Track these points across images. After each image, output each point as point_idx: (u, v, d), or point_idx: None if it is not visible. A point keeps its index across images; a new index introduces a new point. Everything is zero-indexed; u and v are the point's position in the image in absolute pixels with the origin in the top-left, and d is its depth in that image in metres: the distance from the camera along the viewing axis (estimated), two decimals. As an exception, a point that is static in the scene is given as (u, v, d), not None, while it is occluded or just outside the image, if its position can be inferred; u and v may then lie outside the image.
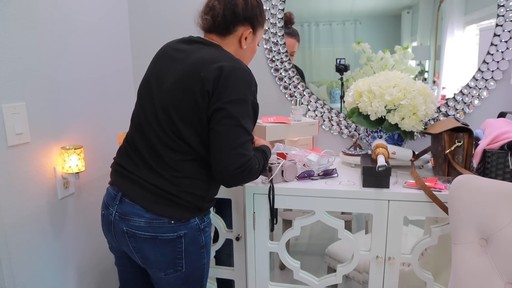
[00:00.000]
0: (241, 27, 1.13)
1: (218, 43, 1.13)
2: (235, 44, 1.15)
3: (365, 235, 1.87)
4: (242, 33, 1.14)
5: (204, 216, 1.12)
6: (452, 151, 1.26)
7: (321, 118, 1.75)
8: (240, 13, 1.11)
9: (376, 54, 1.65)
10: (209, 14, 1.12)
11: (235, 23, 1.12)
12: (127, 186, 1.08)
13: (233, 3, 1.11)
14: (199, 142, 1.04)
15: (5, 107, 1.18)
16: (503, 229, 0.98)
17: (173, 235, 1.05)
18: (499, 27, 1.50)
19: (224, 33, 1.13)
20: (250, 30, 1.14)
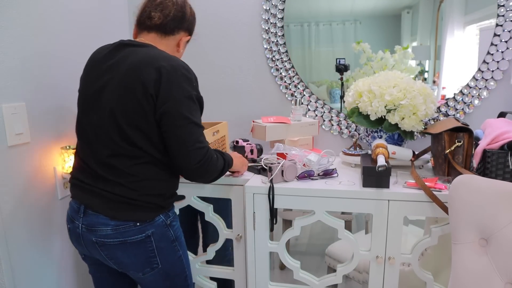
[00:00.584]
0: (182, 32, 1.19)
1: (154, 42, 1.14)
2: (172, 46, 1.19)
3: (365, 235, 1.87)
4: (182, 38, 1.19)
5: (168, 212, 1.16)
6: (452, 151, 1.26)
7: (321, 118, 1.75)
8: (187, 17, 1.18)
9: (376, 54, 1.65)
10: (159, 10, 1.13)
11: (179, 27, 1.17)
12: (88, 198, 1.10)
13: (183, 6, 1.17)
14: (149, 144, 1.06)
15: (5, 107, 1.18)
16: (503, 229, 0.98)
17: (141, 236, 1.08)
18: (499, 27, 1.50)
19: (168, 33, 1.15)
20: (188, 37, 1.22)
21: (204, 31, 1.80)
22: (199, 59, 1.83)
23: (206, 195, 1.45)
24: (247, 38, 1.76)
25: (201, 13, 1.79)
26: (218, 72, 1.83)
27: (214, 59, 1.82)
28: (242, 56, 1.78)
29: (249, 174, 1.45)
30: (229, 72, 1.82)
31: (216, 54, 1.81)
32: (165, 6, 1.14)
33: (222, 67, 1.82)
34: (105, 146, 1.07)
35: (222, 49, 1.80)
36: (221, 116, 1.86)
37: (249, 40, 1.76)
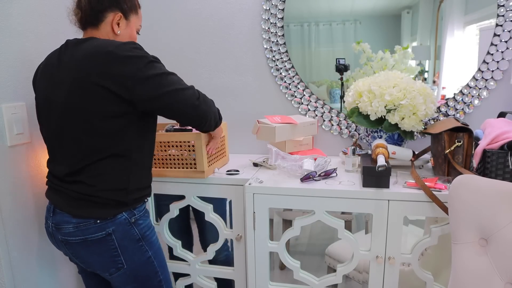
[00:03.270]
0: (110, 13, 1.12)
1: (93, 35, 1.12)
2: (109, 31, 1.13)
3: (365, 235, 1.87)
4: (113, 19, 1.12)
5: (134, 209, 1.12)
6: (452, 151, 1.26)
7: (321, 118, 1.75)
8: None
9: (376, 54, 1.65)
10: (78, 7, 1.12)
11: (102, 10, 1.11)
12: (55, 197, 1.11)
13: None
14: (108, 138, 1.04)
15: (5, 107, 1.18)
16: (503, 229, 0.98)
17: (101, 234, 1.07)
18: (499, 27, 1.50)
19: (96, 22, 1.11)
20: (119, 15, 1.13)
21: (204, 31, 1.80)
22: (198, 59, 1.83)
23: (206, 195, 1.46)
24: (247, 38, 1.76)
25: (201, 13, 1.79)
26: (218, 72, 1.83)
27: (214, 59, 1.82)
28: (242, 56, 1.79)
29: (249, 173, 1.45)
30: (229, 72, 1.82)
31: (216, 54, 1.81)
32: (78, 0, 1.12)
33: (222, 67, 1.82)
34: (66, 145, 1.06)
35: (222, 49, 1.80)
36: (221, 116, 1.86)
37: (249, 40, 1.76)
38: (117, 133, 1.04)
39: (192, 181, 1.44)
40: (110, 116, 1.02)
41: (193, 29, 1.81)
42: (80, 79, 1.00)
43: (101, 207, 1.07)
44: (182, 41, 1.83)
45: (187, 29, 1.82)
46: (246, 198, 1.31)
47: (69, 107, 1.03)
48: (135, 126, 1.07)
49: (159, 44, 1.86)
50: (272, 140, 1.51)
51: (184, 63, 1.85)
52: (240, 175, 1.45)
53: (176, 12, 1.81)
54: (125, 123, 1.05)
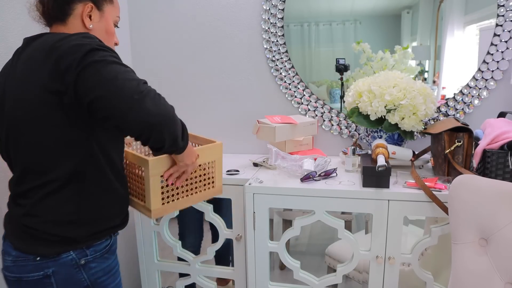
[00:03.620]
0: (79, 4, 0.94)
1: (60, 31, 0.94)
2: (79, 26, 0.95)
3: (365, 235, 1.87)
4: (82, 11, 0.94)
5: (86, 249, 0.90)
6: (452, 151, 1.26)
7: (321, 118, 1.75)
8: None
9: (376, 54, 1.65)
10: (40, 1, 0.95)
11: (68, 1, 0.93)
12: (5, 220, 0.95)
13: None
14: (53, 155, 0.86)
15: (5, 107, 1.18)
16: (503, 229, 0.98)
17: (38, 275, 0.87)
18: (499, 27, 1.49)
19: (62, 16, 0.94)
20: (90, 6, 0.95)
21: (204, 31, 1.80)
22: (198, 59, 1.83)
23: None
24: (247, 38, 1.76)
25: (201, 13, 1.79)
26: (217, 72, 1.83)
27: (214, 59, 1.82)
28: (242, 56, 1.78)
29: (249, 173, 1.45)
30: (229, 72, 1.82)
31: (216, 54, 1.81)
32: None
33: (222, 67, 1.82)
34: (15, 162, 0.91)
35: (222, 49, 1.80)
36: (220, 116, 1.86)
37: (249, 40, 1.76)
38: (64, 147, 0.85)
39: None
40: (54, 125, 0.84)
41: (193, 29, 1.81)
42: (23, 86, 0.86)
43: (44, 242, 0.87)
44: (182, 41, 1.83)
45: (187, 29, 1.82)
46: (246, 198, 1.31)
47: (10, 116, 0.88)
48: (87, 138, 0.87)
49: (159, 44, 1.86)
50: (272, 140, 1.51)
51: (184, 63, 1.85)
52: (240, 175, 1.45)
53: (176, 12, 1.81)
54: (74, 133, 0.85)
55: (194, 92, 1.87)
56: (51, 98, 0.82)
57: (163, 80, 1.88)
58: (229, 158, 1.75)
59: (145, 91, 0.81)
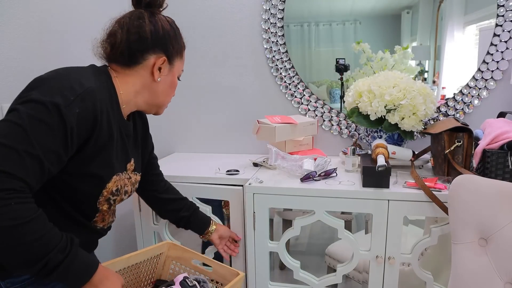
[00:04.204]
0: (152, 55, 0.92)
1: (119, 76, 0.92)
2: (146, 77, 0.93)
3: (365, 235, 1.87)
4: (155, 63, 0.92)
5: (1, 280, 0.78)
6: (452, 151, 1.26)
7: (321, 118, 1.75)
8: (148, 37, 0.91)
9: (376, 54, 1.65)
10: (108, 41, 0.92)
11: (142, 50, 0.91)
12: None
13: (138, 25, 0.90)
14: None
15: (5, 107, 1.18)
16: (502, 229, 0.98)
17: None
18: (499, 27, 1.50)
19: (129, 63, 0.91)
20: (163, 59, 0.93)
21: (203, 31, 1.80)
22: (198, 59, 1.83)
23: (206, 196, 1.45)
24: (247, 38, 1.76)
25: (201, 13, 1.79)
26: (218, 72, 1.83)
27: (214, 59, 1.82)
28: (242, 56, 1.79)
29: (249, 173, 1.45)
30: (229, 72, 1.82)
31: (216, 54, 1.81)
32: (113, 34, 0.91)
33: (222, 67, 1.82)
34: None
35: (221, 49, 1.80)
36: (221, 116, 1.87)
37: (249, 40, 1.76)
38: None
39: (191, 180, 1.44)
40: None
41: (193, 29, 1.81)
42: None
43: None
44: (182, 41, 1.83)
45: (187, 29, 1.82)
46: (246, 198, 1.31)
47: None
48: None
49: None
50: (272, 140, 1.51)
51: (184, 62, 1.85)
52: (240, 175, 1.45)
53: (176, 12, 1.81)
54: None
55: (194, 92, 1.87)
56: None
57: (163, 80, 1.88)
58: (229, 158, 1.75)
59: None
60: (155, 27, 0.93)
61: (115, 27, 0.92)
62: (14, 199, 0.66)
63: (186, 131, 1.92)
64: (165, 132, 1.94)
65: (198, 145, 1.93)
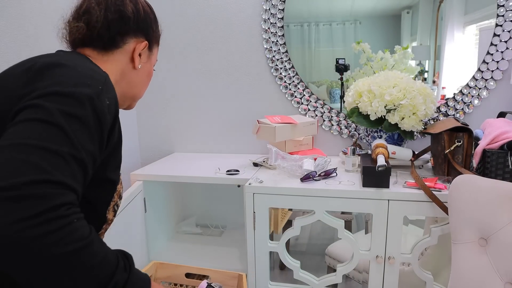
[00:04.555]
0: (133, 39, 0.81)
1: (95, 61, 0.76)
2: (125, 63, 0.82)
3: (365, 235, 1.87)
4: (135, 47, 0.82)
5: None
6: (452, 151, 1.26)
7: (321, 118, 1.75)
8: (130, 17, 0.79)
9: (376, 54, 1.65)
10: (82, 20, 0.77)
11: (123, 32, 0.79)
12: None
13: (119, 3, 0.79)
14: None
15: (5, 107, 1.18)
16: (502, 228, 0.98)
17: None
18: (499, 27, 1.50)
19: (107, 46, 0.78)
20: (145, 43, 0.83)
21: (203, 30, 1.80)
22: (198, 59, 1.83)
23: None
24: (247, 38, 1.76)
25: (201, 13, 1.79)
26: (217, 72, 1.83)
27: (214, 59, 1.82)
28: (242, 56, 1.79)
29: (249, 173, 1.45)
30: (229, 72, 1.82)
31: (216, 54, 1.81)
32: (87, 11, 0.78)
33: (222, 66, 1.82)
34: None
35: (221, 49, 1.80)
36: (220, 116, 1.87)
37: (249, 40, 1.76)
38: None
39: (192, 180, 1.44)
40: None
41: (193, 29, 1.81)
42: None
43: None
44: (182, 41, 1.83)
45: (187, 29, 1.82)
46: (246, 198, 1.31)
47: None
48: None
49: (160, 44, 1.86)
50: (272, 140, 1.51)
51: (184, 63, 1.85)
52: (240, 175, 1.45)
53: (176, 12, 1.81)
54: None
55: (194, 92, 1.87)
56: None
57: (163, 80, 1.88)
58: (229, 158, 1.75)
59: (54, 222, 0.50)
60: (136, 7, 0.81)
61: (91, 3, 0.78)
62: (75, 215, 0.53)
63: (186, 131, 1.92)
64: (165, 132, 1.94)
65: (198, 145, 1.93)
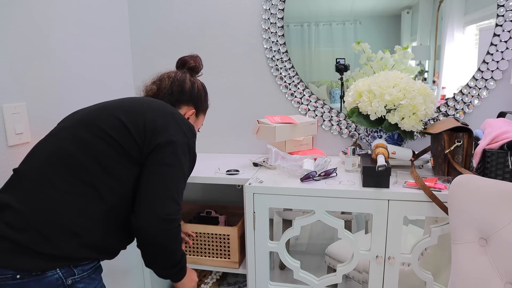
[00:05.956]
0: (185, 106, 1.16)
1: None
2: None
3: (365, 235, 1.87)
4: (186, 112, 1.16)
5: (75, 266, 0.83)
6: (451, 151, 1.26)
7: (321, 118, 1.75)
8: (187, 91, 1.15)
9: (376, 54, 1.65)
10: (156, 84, 1.15)
11: (180, 100, 1.15)
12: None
13: (182, 80, 1.15)
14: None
15: (5, 107, 1.18)
16: (502, 229, 0.98)
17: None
18: (499, 27, 1.50)
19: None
20: (193, 111, 1.18)
21: (204, 30, 1.80)
22: (199, 59, 1.83)
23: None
24: (247, 38, 1.76)
25: (201, 13, 1.79)
26: (217, 72, 1.83)
27: (214, 59, 1.82)
28: (242, 56, 1.79)
29: (249, 173, 1.45)
30: (229, 72, 1.82)
31: (216, 54, 1.81)
32: (161, 79, 1.16)
33: (222, 66, 1.82)
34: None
35: (222, 49, 1.80)
36: (220, 116, 1.87)
37: (249, 40, 1.76)
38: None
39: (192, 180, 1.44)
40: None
41: (193, 29, 1.82)
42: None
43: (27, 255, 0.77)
44: (182, 41, 1.83)
45: (187, 29, 1.82)
46: (246, 198, 1.31)
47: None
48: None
49: (159, 44, 1.86)
50: (272, 140, 1.51)
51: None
52: (240, 175, 1.45)
53: (176, 12, 1.81)
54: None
55: (194, 92, 1.87)
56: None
57: (163, 80, 1.88)
58: (229, 158, 1.75)
59: (173, 220, 0.94)
60: (192, 85, 1.18)
61: (164, 75, 1.16)
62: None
63: (186, 131, 1.92)
64: (165, 132, 1.94)
65: (198, 145, 1.93)
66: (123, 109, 0.96)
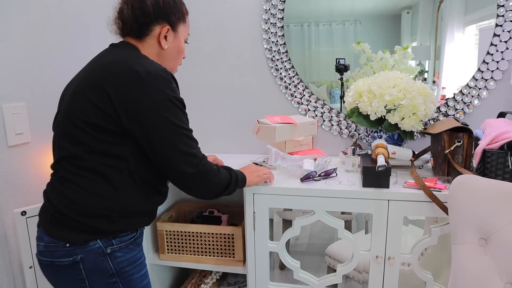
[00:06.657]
0: (157, 26, 1.03)
1: (136, 45, 1.05)
2: (155, 46, 1.06)
3: (365, 235, 1.87)
4: (160, 32, 1.04)
5: (113, 239, 0.96)
6: (451, 151, 1.26)
7: (321, 118, 1.75)
8: (150, 11, 1.02)
9: (376, 54, 1.65)
10: (120, 18, 1.05)
11: (148, 23, 1.02)
12: (42, 206, 1.02)
13: (141, 1, 1.02)
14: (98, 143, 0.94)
15: (5, 107, 1.19)
16: (502, 229, 0.98)
17: (68, 260, 0.93)
18: (499, 27, 1.50)
19: (140, 35, 1.04)
20: (167, 27, 1.04)
21: (204, 30, 1.80)
22: (198, 59, 1.83)
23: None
24: (247, 38, 1.76)
25: (201, 13, 1.79)
26: (217, 72, 1.83)
27: (214, 59, 1.82)
28: (242, 56, 1.79)
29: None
30: (229, 72, 1.82)
31: (216, 54, 1.81)
32: (120, 11, 1.05)
33: (222, 67, 1.82)
34: (57, 147, 0.99)
35: (221, 49, 1.80)
36: (220, 116, 1.87)
37: (249, 40, 1.76)
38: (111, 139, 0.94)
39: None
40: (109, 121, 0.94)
41: (193, 29, 1.81)
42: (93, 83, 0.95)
43: (72, 229, 0.94)
44: (182, 41, 1.83)
45: (187, 29, 1.82)
46: (246, 198, 1.31)
47: (70, 104, 0.97)
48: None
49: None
50: (272, 140, 1.51)
51: (184, 63, 1.85)
52: (240, 175, 1.45)
53: (176, 12, 1.81)
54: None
55: (194, 92, 1.87)
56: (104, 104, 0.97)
57: (163, 80, 1.88)
58: (229, 158, 1.75)
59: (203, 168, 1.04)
60: (155, 0, 1.03)
61: (122, 5, 1.05)
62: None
63: (186, 131, 1.92)
64: (165, 132, 1.94)
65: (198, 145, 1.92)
66: (89, 85, 0.95)
